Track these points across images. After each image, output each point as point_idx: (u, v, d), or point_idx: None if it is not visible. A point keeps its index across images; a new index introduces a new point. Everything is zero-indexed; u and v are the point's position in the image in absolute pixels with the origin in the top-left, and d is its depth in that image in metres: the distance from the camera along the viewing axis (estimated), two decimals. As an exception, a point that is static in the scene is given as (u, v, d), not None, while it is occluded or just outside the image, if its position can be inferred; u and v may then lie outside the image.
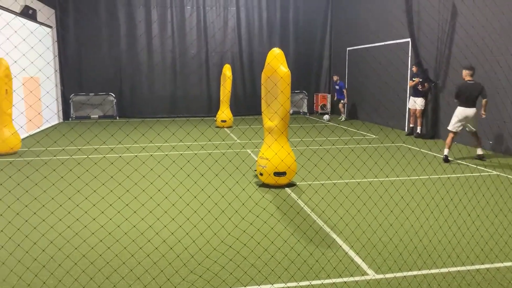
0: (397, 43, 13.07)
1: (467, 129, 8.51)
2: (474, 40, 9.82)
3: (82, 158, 8.71)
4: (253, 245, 4.38)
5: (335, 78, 15.86)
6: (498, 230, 4.80)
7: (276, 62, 6.41)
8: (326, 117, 15.83)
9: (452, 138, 8.46)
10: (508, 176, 7.35)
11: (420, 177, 7.18)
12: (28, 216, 5.11)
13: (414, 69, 11.81)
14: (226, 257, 4.12)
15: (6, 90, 9.06)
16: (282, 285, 3.57)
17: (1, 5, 10.25)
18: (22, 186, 5.56)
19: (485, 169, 7.90)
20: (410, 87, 11.89)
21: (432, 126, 11.61)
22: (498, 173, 7.58)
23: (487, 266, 3.93)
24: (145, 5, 16.32)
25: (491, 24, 9.36)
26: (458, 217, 5.19)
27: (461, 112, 8.36)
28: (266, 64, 6.61)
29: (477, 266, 3.92)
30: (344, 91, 15.45)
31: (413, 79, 11.62)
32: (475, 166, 8.12)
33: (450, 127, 8.52)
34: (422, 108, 11.55)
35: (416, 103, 11.58)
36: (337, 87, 15.70)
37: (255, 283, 3.61)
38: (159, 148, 9.88)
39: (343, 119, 15.76)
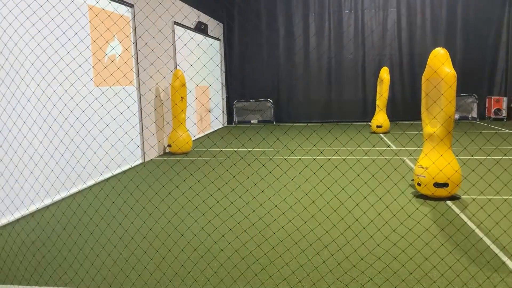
0: None
1: None
2: None
3: (237, 160, 9.32)
4: (405, 259, 4.08)
5: None
6: None
7: (438, 63, 5.89)
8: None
9: None
10: None
11: None
12: (190, 209, 5.67)
13: None
14: (375, 269, 3.92)
15: (182, 97, 10.22)
16: (436, 307, 3.25)
17: (178, 21, 11.65)
18: (187, 182, 6.19)
19: None
20: None
21: None
22: None
23: None
24: (303, 13, 16.76)
25: None
26: None
27: None
28: (428, 65, 6.13)
29: None
30: None
31: None
32: None
33: None
34: None
35: None
36: None
37: (405, 301, 3.36)
38: (307, 152, 9.99)
39: None
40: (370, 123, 14.04)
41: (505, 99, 15.75)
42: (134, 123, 8.96)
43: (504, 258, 4.07)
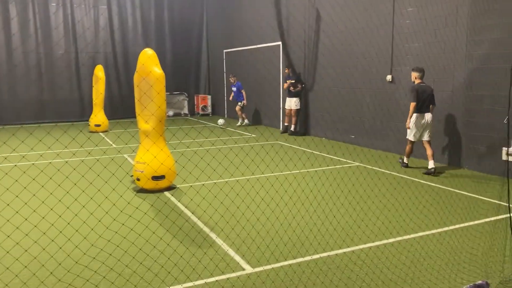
0: (269, 46, 13.75)
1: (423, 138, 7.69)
2: (336, 44, 10.81)
3: None
4: (135, 251, 4.30)
5: (232, 79, 14.67)
6: (360, 216, 5.40)
7: (150, 63, 6.32)
8: (220, 121, 14.19)
9: (411, 147, 7.82)
10: (367, 166, 8.25)
11: (292, 172, 7.70)
12: None
13: (286, 70, 12.55)
14: (107, 266, 3.98)
15: None
16: (165, 288, 3.59)
17: None
18: None
19: (347, 160, 8.75)
20: (285, 89, 12.54)
21: (303, 124, 12.48)
22: (358, 163, 8.47)
23: (352, 249, 4.41)
24: (1, 1, 14.74)
25: (353, 28, 10.39)
26: (325, 206, 5.71)
27: (418, 118, 7.55)
28: (138, 65, 6.48)
29: (344, 250, 4.38)
30: (243, 92, 14.27)
31: (287, 81, 12.33)
32: (339, 159, 8.95)
33: (409, 137, 7.73)
34: (298, 108, 12.29)
35: (291, 103, 12.30)
36: (234, 88, 14.55)
37: (137, 290, 3.57)
38: (23, 157, 9.04)
39: (244, 123, 14.58)
40: (88, 123, 13.69)
41: (209, 96, 18.11)
42: None
43: (214, 236, 4.80)
